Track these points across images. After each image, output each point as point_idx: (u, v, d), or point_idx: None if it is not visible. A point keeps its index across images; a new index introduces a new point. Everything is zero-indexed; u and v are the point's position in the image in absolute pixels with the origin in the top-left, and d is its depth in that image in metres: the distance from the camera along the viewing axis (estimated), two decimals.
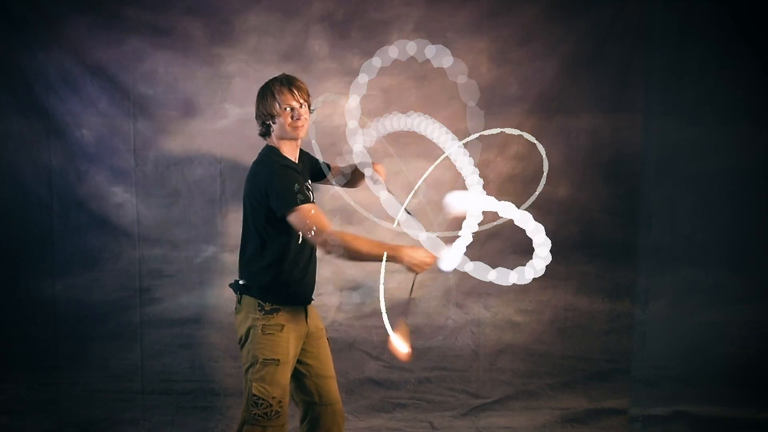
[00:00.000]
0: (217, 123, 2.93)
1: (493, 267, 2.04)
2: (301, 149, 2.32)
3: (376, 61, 1.88)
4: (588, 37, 2.97)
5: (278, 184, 2.10)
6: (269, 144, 2.24)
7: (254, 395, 2.14)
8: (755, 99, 3.02)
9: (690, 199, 3.08)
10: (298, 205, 2.06)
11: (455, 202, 1.90)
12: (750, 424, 3.07)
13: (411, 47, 1.73)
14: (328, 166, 2.51)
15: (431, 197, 2.51)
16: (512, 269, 2.02)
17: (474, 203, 1.93)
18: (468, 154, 2.22)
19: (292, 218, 2.08)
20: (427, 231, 2.11)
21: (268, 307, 2.17)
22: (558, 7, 2.95)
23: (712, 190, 3.07)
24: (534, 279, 3.15)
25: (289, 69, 2.54)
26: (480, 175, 2.97)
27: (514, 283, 1.98)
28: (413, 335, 2.17)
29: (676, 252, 3.09)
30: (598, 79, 2.99)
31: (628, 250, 3.09)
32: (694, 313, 3.11)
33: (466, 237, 2.13)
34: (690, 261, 3.09)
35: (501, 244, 2.98)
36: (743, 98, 3.02)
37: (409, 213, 2.13)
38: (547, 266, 3.02)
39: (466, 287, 3.07)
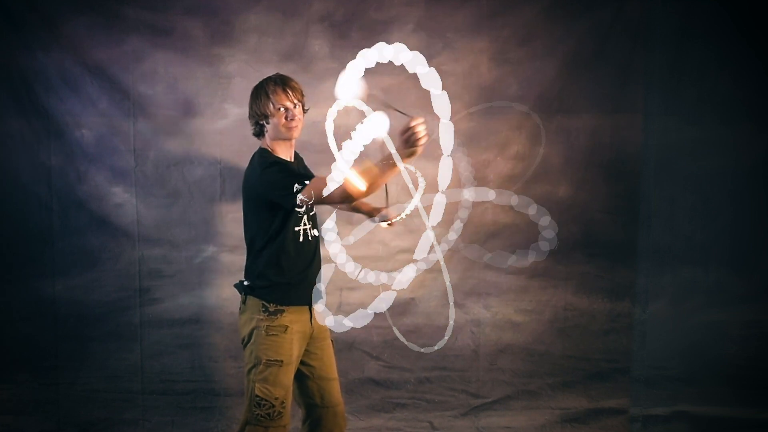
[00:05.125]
0: (217, 123, 2.93)
1: (492, 267, 2.04)
2: (295, 152, 2.31)
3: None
4: (588, 37, 2.96)
5: (274, 182, 2.06)
6: (261, 146, 2.23)
7: (257, 396, 2.14)
8: (755, 99, 3.02)
9: (690, 199, 3.08)
10: (299, 191, 1.98)
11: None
12: (750, 424, 3.08)
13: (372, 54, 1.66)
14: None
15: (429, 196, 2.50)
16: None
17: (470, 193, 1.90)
18: (459, 143, 2.18)
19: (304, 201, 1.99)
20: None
21: (272, 308, 2.17)
22: (558, 7, 2.95)
23: (712, 190, 3.07)
24: (534, 279, 3.17)
25: (289, 69, 2.54)
26: (480, 175, 2.98)
27: (514, 283, 1.97)
28: (414, 336, 2.17)
29: (676, 252, 3.09)
30: (598, 79, 2.99)
31: (628, 250, 3.09)
32: (694, 313, 3.11)
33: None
34: (690, 261, 3.09)
35: (501, 243, 2.98)
36: (743, 98, 3.01)
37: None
38: (547, 266, 3.04)
39: (467, 287, 3.07)
